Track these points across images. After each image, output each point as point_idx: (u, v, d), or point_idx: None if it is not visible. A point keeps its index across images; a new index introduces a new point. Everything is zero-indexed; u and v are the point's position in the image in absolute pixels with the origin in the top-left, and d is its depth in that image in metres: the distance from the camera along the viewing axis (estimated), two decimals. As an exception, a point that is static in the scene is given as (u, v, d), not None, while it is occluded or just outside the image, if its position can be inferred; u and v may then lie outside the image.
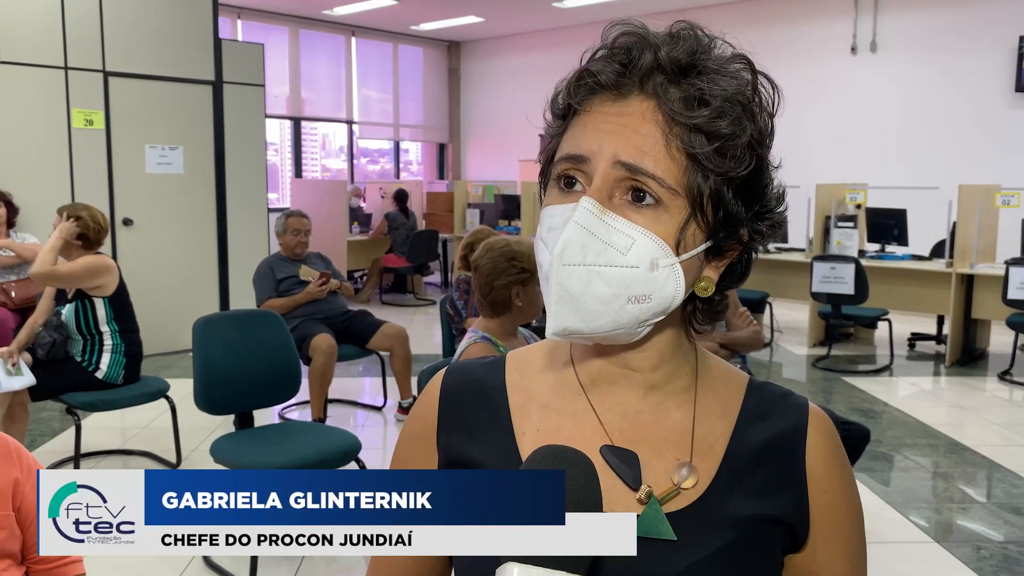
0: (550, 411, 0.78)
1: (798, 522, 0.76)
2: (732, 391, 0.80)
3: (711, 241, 0.71)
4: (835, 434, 0.79)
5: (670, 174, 0.68)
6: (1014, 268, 5.70)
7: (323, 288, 4.73)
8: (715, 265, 0.74)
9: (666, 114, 0.68)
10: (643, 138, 0.68)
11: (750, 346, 3.53)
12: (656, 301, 0.70)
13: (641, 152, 0.68)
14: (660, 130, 0.68)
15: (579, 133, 0.71)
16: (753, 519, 0.74)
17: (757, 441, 0.77)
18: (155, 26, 6.36)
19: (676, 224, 0.69)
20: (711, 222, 0.70)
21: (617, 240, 0.68)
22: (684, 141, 0.68)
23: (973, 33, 8.35)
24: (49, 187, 5.89)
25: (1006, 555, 3.17)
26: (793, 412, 0.78)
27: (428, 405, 0.83)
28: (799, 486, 0.76)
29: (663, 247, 0.68)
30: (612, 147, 0.68)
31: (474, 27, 11.67)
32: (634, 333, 0.72)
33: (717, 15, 9.77)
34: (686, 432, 0.76)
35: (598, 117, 0.70)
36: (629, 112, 0.69)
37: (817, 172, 8.77)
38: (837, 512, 0.77)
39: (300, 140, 11.29)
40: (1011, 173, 7.92)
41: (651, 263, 0.68)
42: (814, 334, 7.03)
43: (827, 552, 0.77)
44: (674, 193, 0.68)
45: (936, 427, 4.78)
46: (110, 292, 3.80)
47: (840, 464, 0.79)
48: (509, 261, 2.43)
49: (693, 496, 0.74)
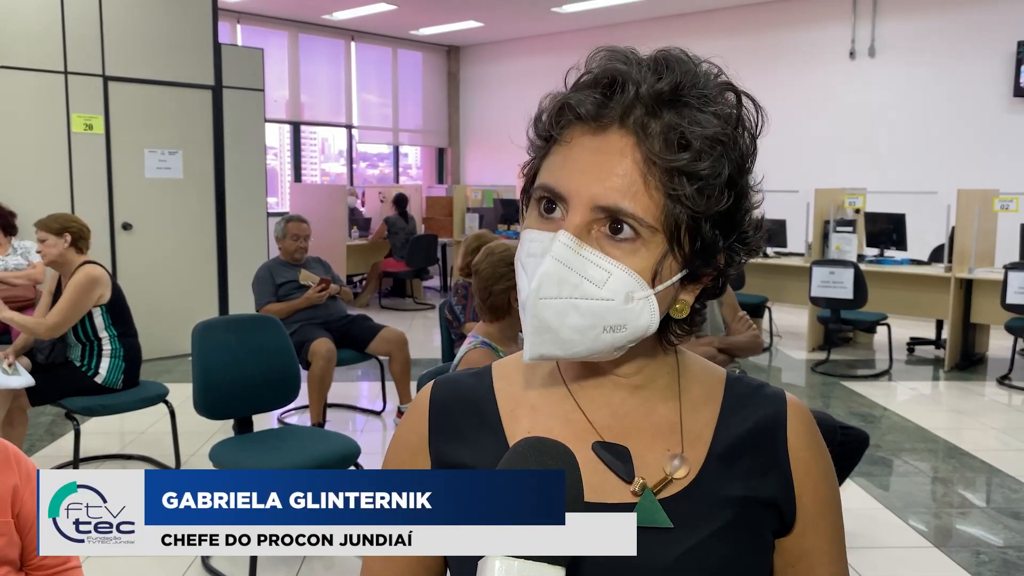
0: (540, 414, 0.80)
1: (786, 505, 0.79)
2: (713, 383, 0.83)
3: (687, 270, 0.73)
4: (812, 420, 0.82)
5: (648, 212, 0.68)
6: (1013, 272, 5.70)
7: (323, 293, 4.73)
8: (691, 289, 0.76)
9: (645, 154, 0.68)
10: (620, 178, 0.68)
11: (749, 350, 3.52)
12: (630, 330, 0.71)
13: (619, 193, 0.68)
14: (638, 169, 0.68)
15: (559, 166, 0.71)
16: (743, 500, 0.77)
17: (741, 428, 0.79)
18: (155, 31, 6.37)
19: (653, 258, 0.70)
20: (688, 253, 0.71)
21: (593, 274, 0.69)
22: (663, 182, 0.68)
23: (971, 38, 8.37)
24: (49, 192, 5.90)
25: (1005, 560, 3.17)
26: (772, 401, 0.82)
27: (418, 417, 0.84)
28: (784, 470, 0.79)
29: (638, 281, 0.70)
30: (589, 190, 0.69)
31: (473, 32, 11.69)
32: (610, 355, 0.74)
33: (716, 20, 9.79)
34: (674, 424, 0.79)
35: (577, 151, 0.70)
36: (608, 149, 0.69)
37: (816, 177, 8.78)
38: (822, 493, 0.81)
39: (299, 144, 11.30)
40: (1009, 178, 7.93)
41: (626, 296, 0.69)
42: (813, 339, 7.03)
43: (816, 533, 0.80)
44: (652, 230, 0.69)
45: (935, 432, 4.78)
46: (106, 300, 3.81)
47: (819, 449, 0.82)
48: (508, 266, 2.43)
49: (684, 482, 0.76)
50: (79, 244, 3.82)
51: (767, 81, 9.54)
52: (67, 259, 3.78)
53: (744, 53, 9.74)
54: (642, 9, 9.69)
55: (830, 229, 6.86)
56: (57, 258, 3.76)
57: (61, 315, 3.67)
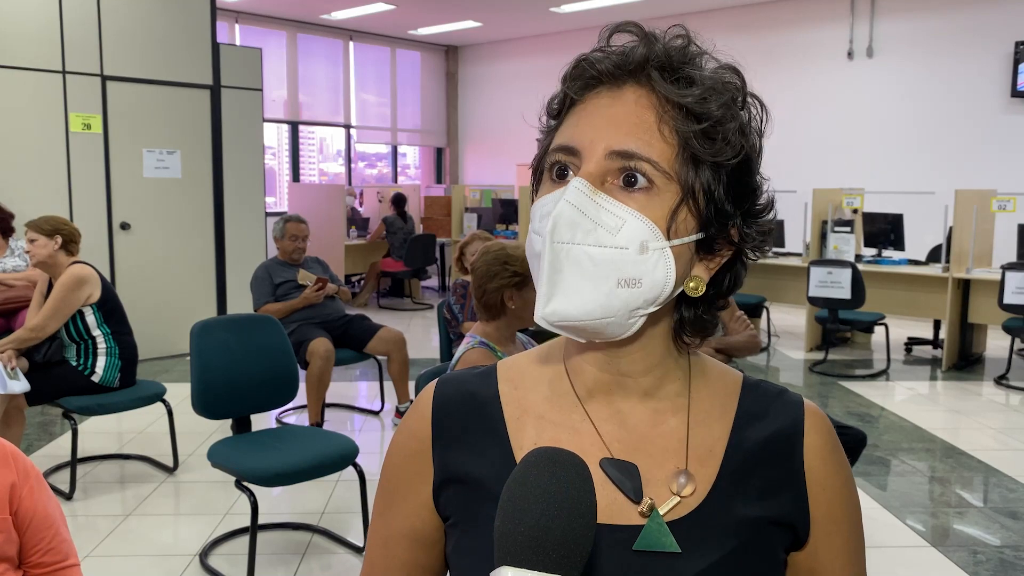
0: (547, 423, 0.78)
1: (799, 521, 0.76)
2: (728, 392, 0.80)
3: (702, 233, 0.72)
4: (831, 430, 0.79)
5: (663, 157, 0.69)
6: (1010, 273, 5.71)
7: (320, 293, 4.73)
8: (706, 264, 0.74)
9: (659, 96, 0.70)
10: (635, 124, 0.69)
11: (747, 350, 3.53)
12: (647, 286, 0.69)
13: (634, 137, 0.69)
14: (653, 113, 0.70)
15: (573, 125, 0.72)
16: (755, 522, 0.74)
17: (755, 442, 0.76)
18: (153, 30, 6.37)
19: (667, 208, 0.69)
20: (702, 210, 0.71)
21: (607, 220, 0.68)
22: (676, 120, 0.69)
23: (969, 38, 8.38)
24: (46, 192, 5.90)
25: (1002, 559, 3.17)
26: (789, 411, 0.78)
27: (420, 420, 0.81)
28: (798, 485, 0.76)
29: (653, 230, 0.68)
30: (605, 139, 0.69)
31: (472, 32, 11.69)
32: (625, 325, 0.71)
33: (715, 20, 9.80)
34: (683, 439, 0.76)
35: (592, 109, 0.72)
36: (623, 101, 0.71)
37: (814, 177, 8.80)
38: (836, 509, 0.77)
39: (298, 144, 11.30)
40: (1007, 178, 7.95)
41: (641, 245, 0.68)
42: (811, 338, 7.04)
43: (828, 549, 0.77)
44: (667, 177, 0.69)
45: (932, 431, 4.78)
46: (96, 299, 3.81)
47: (838, 461, 0.78)
48: (502, 265, 2.44)
49: (694, 503, 0.74)
50: (69, 247, 3.82)
51: (766, 81, 9.56)
52: (56, 261, 3.78)
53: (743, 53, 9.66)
54: (641, 9, 9.70)
55: (828, 229, 6.87)
56: (46, 259, 3.76)
57: (44, 317, 3.68)
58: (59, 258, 3.79)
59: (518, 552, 0.58)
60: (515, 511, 0.59)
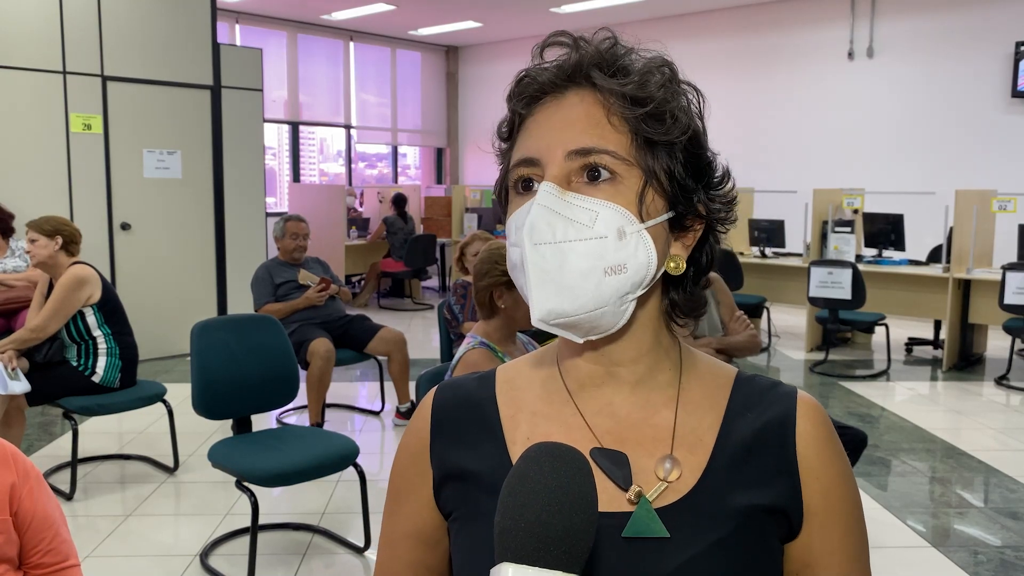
0: (539, 418, 0.79)
1: (792, 510, 0.75)
2: (720, 384, 0.80)
3: (672, 211, 0.75)
4: (827, 422, 0.79)
5: (620, 146, 0.72)
6: (1011, 273, 5.71)
7: (323, 294, 4.72)
8: (682, 242, 0.77)
9: (602, 91, 0.73)
10: (586, 121, 0.72)
11: (747, 350, 3.53)
12: (632, 270, 0.71)
13: (588, 134, 0.72)
14: (600, 108, 0.73)
15: (528, 138, 0.75)
16: (747, 509, 0.74)
17: (746, 432, 0.77)
18: (153, 30, 6.37)
19: (634, 193, 0.72)
20: (668, 191, 0.74)
21: (580, 216, 0.70)
22: (622, 109, 0.72)
23: (970, 39, 8.38)
24: (47, 192, 5.90)
25: (1003, 560, 3.17)
26: (782, 401, 0.78)
27: (421, 422, 0.84)
28: (791, 474, 0.76)
29: (626, 215, 0.71)
30: (561, 142, 0.72)
31: (472, 32, 11.69)
32: (618, 313, 0.73)
33: (715, 21, 9.80)
34: (672, 427, 0.77)
35: (542, 119, 0.75)
36: (569, 104, 0.74)
37: (814, 177, 8.80)
38: (832, 501, 0.77)
39: (298, 144, 11.30)
40: (1007, 178, 7.95)
41: (618, 231, 0.71)
42: (811, 339, 7.04)
43: (823, 543, 0.76)
44: (627, 164, 0.72)
45: (933, 432, 4.78)
46: (96, 300, 3.81)
47: (833, 451, 0.78)
48: (493, 263, 2.45)
49: (683, 489, 0.74)
50: (70, 248, 3.82)
51: (766, 82, 9.56)
52: (57, 261, 3.79)
53: (743, 53, 9.75)
54: (641, 9, 9.70)
55: (828, 229, 6.87)
56: (47, 260, 3.77)
57: (45, 317, 3.68)
58: (60, 258, 3.80)
59: (519, 548, 0.58)
60: (515, 507, 0.59)
